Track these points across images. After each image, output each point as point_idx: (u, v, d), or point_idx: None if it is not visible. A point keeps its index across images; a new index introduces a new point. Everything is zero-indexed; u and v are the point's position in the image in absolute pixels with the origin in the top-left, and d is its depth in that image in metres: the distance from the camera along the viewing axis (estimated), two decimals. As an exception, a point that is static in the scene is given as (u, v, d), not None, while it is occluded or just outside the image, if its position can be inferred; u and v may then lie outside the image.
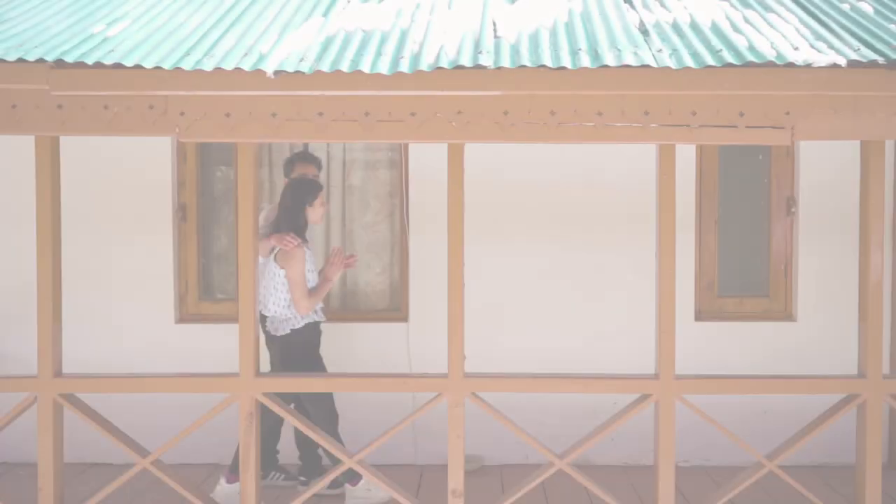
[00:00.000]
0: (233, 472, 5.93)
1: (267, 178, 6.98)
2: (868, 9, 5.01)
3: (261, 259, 5.88)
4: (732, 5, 5.09)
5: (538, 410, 6.71)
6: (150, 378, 5.24)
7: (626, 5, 5.11)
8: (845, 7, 5.04)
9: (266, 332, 6.04)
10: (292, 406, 5.75)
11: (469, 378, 4.99)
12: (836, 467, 6.62)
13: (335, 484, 6.02)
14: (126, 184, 6.76)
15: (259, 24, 4.90)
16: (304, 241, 5.77)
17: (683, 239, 6.60)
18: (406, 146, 6.75)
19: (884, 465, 6.52)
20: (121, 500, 5.93)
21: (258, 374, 5.04)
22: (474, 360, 6.03)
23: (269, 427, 6.01)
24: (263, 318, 6.12)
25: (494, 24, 4.80)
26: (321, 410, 5.80)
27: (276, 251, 5.69)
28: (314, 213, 5.83)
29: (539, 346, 6.73)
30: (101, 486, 5.24)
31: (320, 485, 5.19)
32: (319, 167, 6.22)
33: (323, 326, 6.11)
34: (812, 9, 5.03)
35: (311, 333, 5.78)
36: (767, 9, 5.03)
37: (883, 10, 4.99)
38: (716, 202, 6.84)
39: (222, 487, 5.96)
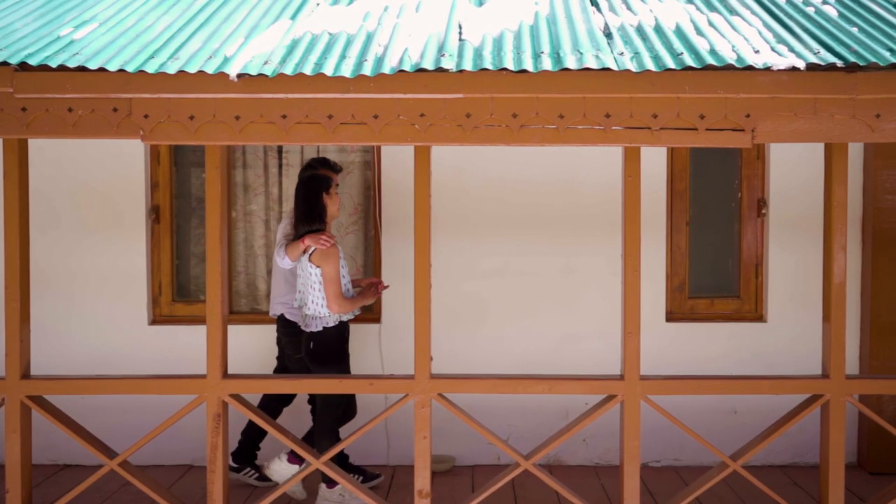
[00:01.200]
0: (295, 455, 5.99)
1: (241, 179, 6.99)
2: (832, 12, 5.05)
3: (289, 263, 5.92)
4: (698, 8, 5.12)
5: (511, 411, 6.76)
6: (118, 380, 5.23)
7: (593, 8, 5.14)
8: (810, 10, 5.08)
9: (288, 328, 6.10)
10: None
11: (435, 379, 4.99)
12: (805, 467, 6.67)
13: (368, 477, 6.37)
14: (99, 185, 6.76)
15: (226, 27, 4.92)
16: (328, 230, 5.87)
17: (655, 240, 6.68)
18: (378, 148, 6.77)
19: (853, 465, 6.65)
20: (92, 502, 5.96)
21: (225, 375, 5.04)
22: (449, 360, 6.12)
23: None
24: (284, 319, 6.16)
25: (460, 26, 4.83)
26: (325, 412, 5.84)
27: (311, 251, 5.72)
28: (332, 204, 5.88)
29: (513, 348, 6.77)
30: (73, 487, 5.24)
31: (289, 485, 5.20)
32: (337, 171, 6.21)
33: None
34: (777, 11, 5.07)
35: (341, 331, 5.82)
36: (732, 11, 5.06)
37: (846, 13, 5.02)
38: (687, 203, 6.87)
39: (281, 463, 6.04)
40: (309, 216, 5.78)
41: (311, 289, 5.74)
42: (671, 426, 5.19)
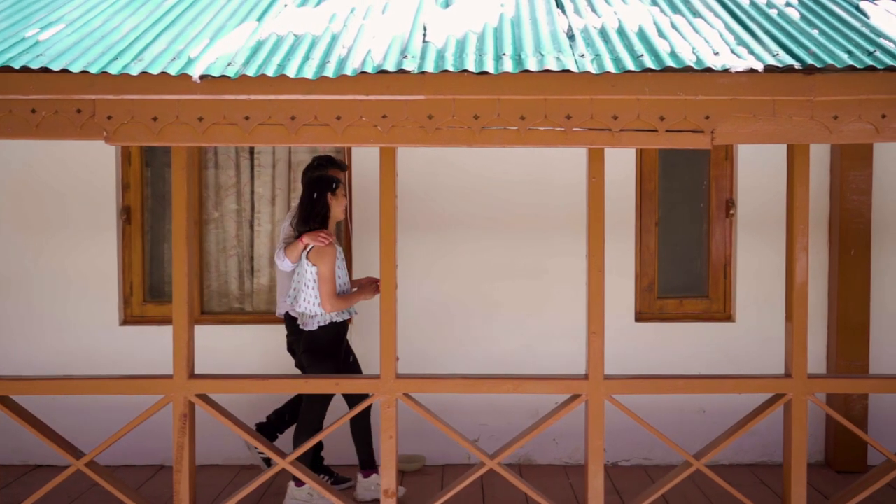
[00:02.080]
0: (368, 468, 6.10)
1: (213, 179, 7.01)
2: (795, 14, 5.08)
3: (289, 265, 5.97)
4: (662, 10, 5.15)
5: (483, 411, 6.79)
6: (84, 380, 5.23)
7: (558, 10, 5.17)
8: (773, 12, 5.11)
9: (292, 325, 6.12)
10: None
11: (401, 379, 5.02)
12: (773, 465, 6.72)
13: (338, 480, 6.36)
14: (70, 186, 6.78)
15: (193, 29, 4.93)
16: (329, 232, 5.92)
17: (624, 240, 6.73)
18: (349, 148, 6.79)
19: (821, 464, 6.71)
20: (60, 503, 5.97)
21: (192, 375, 5.06)
22: (423, 359, 6.15)
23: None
24: (289, 317, 6.17)
25: (425, 28, 4.85)
26: (308, 410, 5.88)
27: (308, 249, 5.77)
28: (337, 205, 5.91)
29: (488, 346, 6.80)
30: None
31: (249, 488, 5.21)
32: (343, 169, 6.26)
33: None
34: (739, 13, 5.10)
35: (333, 331, 5.88)
36: (696, 14, 5.09)
37: (808, 16, 5.05)
38: (656, 204, 6.92)
39: (360, 483, 6.15)
40: (310, 216, 5.84)
41: (304, 286, 5.80)
42: (641, 426, 5.22)
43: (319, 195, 5.86)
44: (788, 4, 5.26)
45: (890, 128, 4.51)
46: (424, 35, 4.75)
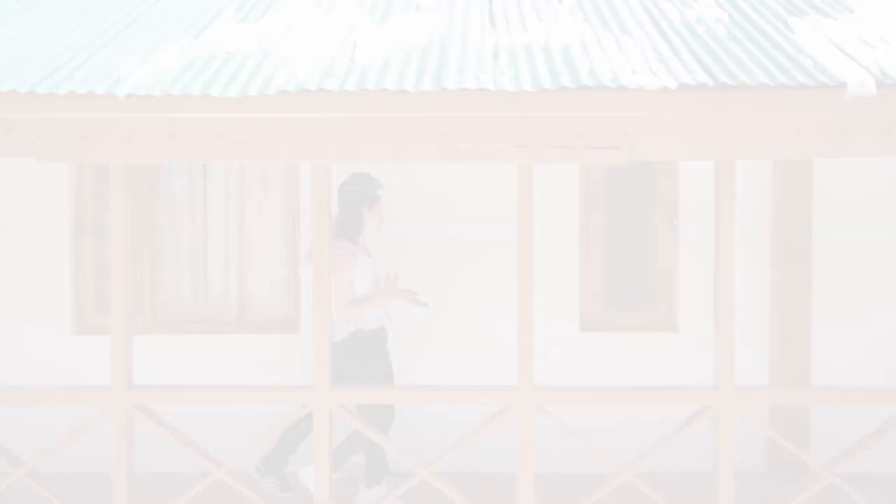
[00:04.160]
0: (374, 481, 6.11)
1: (167, 188, 7.09)
2: (722, 31, 5.17)
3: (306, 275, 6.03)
4: (592, 27, 5.24)
5: (424, 422, 6.82)
6: (24, 391, 5.34)
7: (491, 27, 5.26)
8: (700, 29, 5.20)
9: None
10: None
11: (335, 390, 5.10)
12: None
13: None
14: (22, 196, 6.84)
15: (129, 47, 5.03)
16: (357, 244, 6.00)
17: (571, 252, 6.79)
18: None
19: (762, 473, 6.77)
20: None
21: (131, 385, 5.15)
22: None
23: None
24: None
25: (355, 46, 4.94)
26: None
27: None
28: (372, 218, 6.01)
29: (433, 358, 6.85)
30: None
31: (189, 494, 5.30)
32: (379, 187, 6.31)
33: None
34: (668, 30, 5.19)
35: (364, 340, 5.95)
36: (625, 31, 5.18)
37: (735, 32, 5.14)
38: (602, 216, 6.99)
39: (363, 493, 6.16)
40: (340, 229, 5.91)
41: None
42: (590, 436, 5.29)
43: (354, 207, 5.94)
44: (718, 20, 5.35)
45: (805, 144, 4.60)
46: (353, 53, 4.84)
